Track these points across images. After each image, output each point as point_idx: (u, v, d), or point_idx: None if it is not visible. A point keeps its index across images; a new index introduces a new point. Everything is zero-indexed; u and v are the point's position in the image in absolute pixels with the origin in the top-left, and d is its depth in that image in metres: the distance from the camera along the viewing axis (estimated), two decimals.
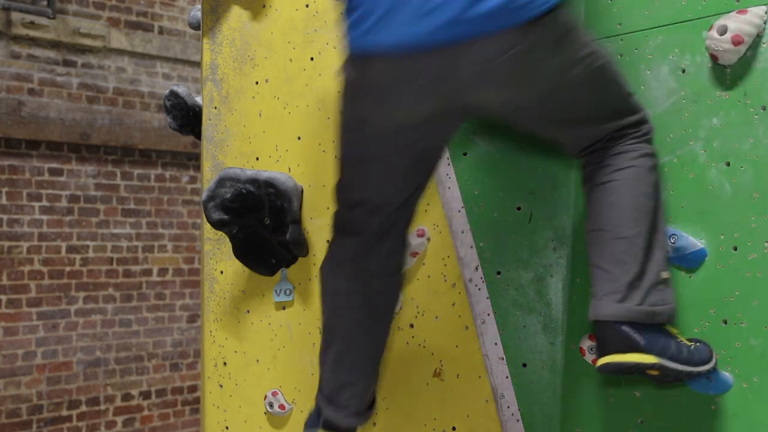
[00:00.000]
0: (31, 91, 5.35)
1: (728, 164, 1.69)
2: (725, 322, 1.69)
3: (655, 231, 1.59)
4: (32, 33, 5.30)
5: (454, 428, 2.01)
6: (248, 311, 2.32)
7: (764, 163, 1.64)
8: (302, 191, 2.22)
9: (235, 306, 2.33)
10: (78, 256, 5.56)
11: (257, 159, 2.28)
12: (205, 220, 2.27)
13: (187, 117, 2.54)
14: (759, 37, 1.64)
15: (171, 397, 5.97)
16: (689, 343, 1.59)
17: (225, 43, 2.32)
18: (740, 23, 1.63)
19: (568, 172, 2.00)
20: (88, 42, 5.52)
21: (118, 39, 5.68)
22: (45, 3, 5.31)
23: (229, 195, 2.15)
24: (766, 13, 1.64)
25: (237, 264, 2.29)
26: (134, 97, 5.80)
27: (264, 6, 2.26)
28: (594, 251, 1.62)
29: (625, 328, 1.53)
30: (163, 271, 5.95)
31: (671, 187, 1.79)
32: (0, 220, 5.27)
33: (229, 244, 2.25)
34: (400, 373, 2.06)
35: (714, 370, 1.62)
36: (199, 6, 2.42)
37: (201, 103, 2.43)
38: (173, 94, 2.53)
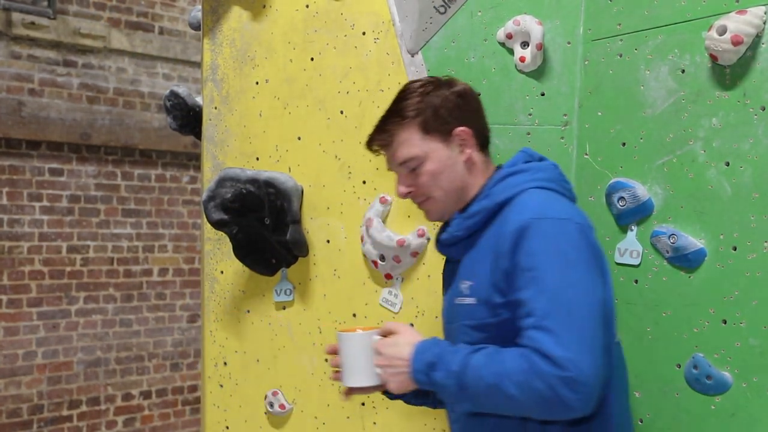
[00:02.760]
0: (31, 92, 5.35)
1: (728, 164, 1.69)
2: (725, 321, 1.69)
3: None
4: (33, 33, 5.29)
5: None
6: (248, 311, 2.32)
7: (764, 163, 1.63)
8: (302, 191, 2.22)
9: (236, 306, 2.33)
10: (78, 256, 5.56)
11: (257, 159, 2.28)
12: (205, 220, 2.27)
13: (188, 117, 2.54)
14: (758, 37, 1.64)
15: (171, 397, 5.97)
16: None
17: (225, 44, 2.32)
18: (740, 23, 1.62)
19: (568, 172, 2.00)
20: (88, 42, 5.52)
21: (119, 39, 5.68)
22: (45, 3, 5.31)
23: (229, 195, 2.15)
24: (765, 13, 1.63)
25: (237, 264, 2.29)
26: (134, 98, 5.80)
27: (264, 6, 2.26)
28: None
29: None
30: (163, 271, 5.95)
31: (671, 187, 1.79)
32: (0, 220, 5.27)
33: (229, 244, 2.25)
34: None
35: None
36: (200, 6, 2.42)
37: (201, 103, 2.44)
38: (173, 95, 2.53)
